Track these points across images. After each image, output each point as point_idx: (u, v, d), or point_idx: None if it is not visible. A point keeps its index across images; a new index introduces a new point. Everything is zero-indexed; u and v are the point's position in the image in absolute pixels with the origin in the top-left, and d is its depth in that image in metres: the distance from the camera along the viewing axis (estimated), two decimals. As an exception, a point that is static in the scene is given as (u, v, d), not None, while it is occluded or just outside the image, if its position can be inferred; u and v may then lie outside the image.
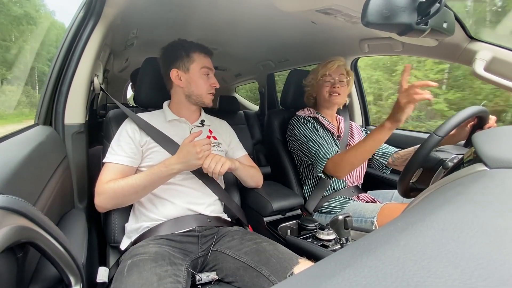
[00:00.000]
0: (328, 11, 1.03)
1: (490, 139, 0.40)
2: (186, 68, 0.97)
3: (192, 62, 0.97)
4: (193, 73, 0.97)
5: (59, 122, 0.93)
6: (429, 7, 0.58)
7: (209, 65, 1.00)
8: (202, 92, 0.99)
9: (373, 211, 1.08)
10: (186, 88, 0.99)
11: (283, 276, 0.72)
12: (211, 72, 1.01)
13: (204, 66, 0.98)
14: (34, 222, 0.40)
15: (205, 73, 0.99)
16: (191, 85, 0.98)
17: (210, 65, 1.01)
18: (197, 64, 0.97)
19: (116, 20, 1.04)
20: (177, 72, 0.98)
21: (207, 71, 0.99)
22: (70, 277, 0.49)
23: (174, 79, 0.98)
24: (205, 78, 0.99)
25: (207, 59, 1.01)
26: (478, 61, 0.94)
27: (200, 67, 0.98)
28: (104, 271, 0.79)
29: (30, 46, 2.31)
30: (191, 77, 0.97)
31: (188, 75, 0.97)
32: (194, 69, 0.97)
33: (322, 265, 0.20)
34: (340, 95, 1.27)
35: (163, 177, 0.85)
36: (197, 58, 0.98)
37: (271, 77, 2.51)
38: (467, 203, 0.25)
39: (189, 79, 0.97)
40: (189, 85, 0.98)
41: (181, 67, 0.97)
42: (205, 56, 1.00)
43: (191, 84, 0.98)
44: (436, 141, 0.75)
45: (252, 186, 1.15)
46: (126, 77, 3.21)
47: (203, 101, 1.00)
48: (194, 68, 0.97)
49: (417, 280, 0.15)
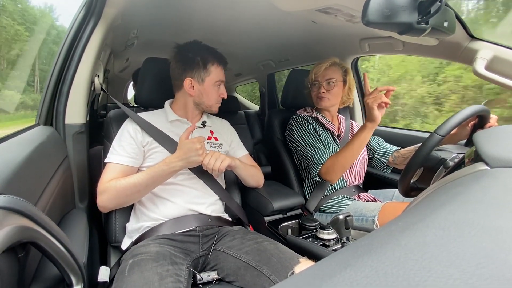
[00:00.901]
0: (328, 11, 1.03)
1: (491, 138, 0.40)
2: (201, 79, 0.96)
3: (208, 74, 0.96)
4: (207, 86, 0.97)
5: (59, 122, 0.94)
6: (430, 6, 0.58)
7: (223, 77, 1.01)
8: (212, 103, 1.00)
9: (374, 210, 1.08)
10: (197, 97, 0.98)
11: (284, 275, 0.72)
12: (223, 83, 1.01)
13: (219, 80, 0.98)
14: (35, 222, 0.40)
15: (218, 85, 0.99)
16: (203, 96, 0.98)
17: (223, 77, 1.01)
18: (212, 77, 0.97)
19: (116, 20, 1.04)
20: (191, 82, 0.96)
21: (220, 83, 1.00)
22: (71, 277, 0.49)
23: (187, 88, 0.96)
24: (216, 90, 0.99)
25: (222, 70, 1.00)
26: (479, 60, 0.94)
27: (215, 80, 0.97)
28: (105, 270, 0.79)
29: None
30: (204, 89, 0.97)
31: (202, 87, 0.97)
32: (209, 82, 0.97)
33: (323, 265, 0.20)
34: (328, 99, 1.25)
35: (164, 175, 0.85)
36: (213, 71, 0.97)
37: (271, 77, 2.51)
38: (468, 202, 0.25)
39: (202, 90, 0.97)
40: (201, 95, 0.98)
41: (196, 77, 0.96)
42: (222, 68, 1.00)
43: (203, 95, 0.98)
44: (437, 140, 0.75)
45: (253, 186, 1.15)
46: (126, 77, 3.22)
47: (212, 110, 1.02)
48: (209, 81, 0.96)
49: (418, 280, 0.15)
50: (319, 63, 1.27)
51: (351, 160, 1.11)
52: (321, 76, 1.25)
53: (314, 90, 1.28)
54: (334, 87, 1.24)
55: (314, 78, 1.27)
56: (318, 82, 1.26)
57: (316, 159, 1.16)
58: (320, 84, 1.25)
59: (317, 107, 1.36)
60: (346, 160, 1.10)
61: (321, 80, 1.25)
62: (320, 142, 1.22)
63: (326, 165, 1.14)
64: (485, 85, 2.33)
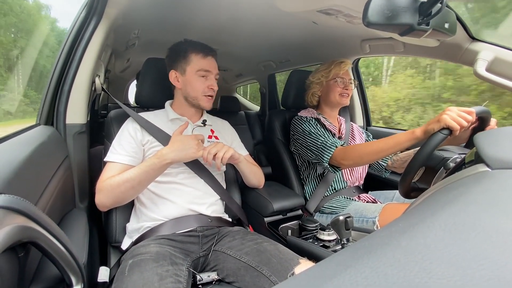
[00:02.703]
0: (329, 12, 1.03)
1: (491, 140, 0.40)
2: (183, 70, 0.96)
3: (188, 64, 0.96)
4: (189, 75, 0.96)
5: (60, 122, 0.94)
6: (431, 7, 0.58)
7: (207, 67, 0.96)
8: (198, 94, 0.97)
9: (375, 211, 1.07)
10: (183, 89, 0.98)
11: (284, 276, 0.72)
12: (210, 74, 0.98)
13: (201, 68, 0.95)
14: (35, 222, 0.40)
15: (201, 75, 0.96)
16: (187, 87, 0.97)
17: (208, 67, 0.97)
18: (193, 66, 0.95)
19: (117, 20, 1.04)
20: (175, 74, 0.98)
21: (204, 73, 0.96)
22: (71, 277, 0.49)
23: (173, 81, 0.98)
24: (201, 80, 0.96)
25: (206, 60, 0.97)
26: (480, 62, 0.94)
27: (196, 69, 0.95)
28: (105, 270, 0.79)
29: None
30: (187, 79, 0.96)
31: (184, 77, 0.97)
32: (190, 71, 0.96)
33: (323, 266, 0.20)
34: (348, 96, 1.29)
35: (156, 168, 0.84)
36: (194, 60, 0.96)
37: (272, 78, 2.51)
38: (469, 204, 0.25)
39: (185, 81, 0.97)
40: (185, 87, 0.98)
41: (179, 68, 0.97)
42: (203, 57, 0.96)
43: (187, 86, 0.97)
44: (440, 139, 0.75)
45: (254, 184, 1.15)
46: (127, 77, 3.22)
47: (199, 103, 0.98)
48: (190, 70, 0.96)
49: (419, 281, 0.15)
50: (341, 61, 1.27)
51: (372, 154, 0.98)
52: (346, 74, 1.28)
53: (339, 87, 1.28)
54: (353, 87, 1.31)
55: (341, 75, 1.27)
56: (343, 79, 1.27)
57: (328, 144, 1.11)
58: (346, 81, 1.28)
59: (320, 107, 1.37)
60: (367, 152, 0.99)
61: (346, 77, 1.28)
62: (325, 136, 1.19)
63: (342, 148, 1.08)
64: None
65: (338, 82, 1.27)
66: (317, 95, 1.36)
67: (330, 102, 1.31)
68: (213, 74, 0.99)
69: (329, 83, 1.29)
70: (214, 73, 0.99)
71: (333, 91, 1.28)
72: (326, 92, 1.32)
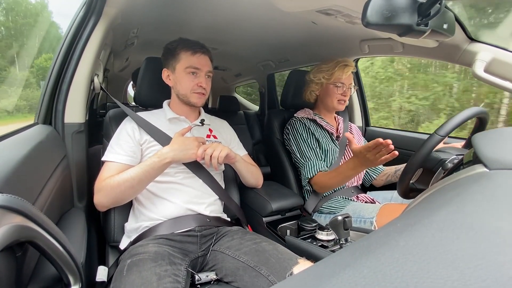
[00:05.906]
0: (329, 12, 1.03)
1: (489, 141, 0.40)
2: (173, 68, 0.98)
3: (178, 61, 0.96)
4: (179, 73, 0.97)
5: (59, 121, 0.93)
6: (430, 8, 0.58)
7: (196, 64, 0.96)
8: (187, 91, 0.97)
9: (372, 211, 1.08)
10: (175, 87, 1.00)
11: (282, 276, 0.72)
12: (199, 72, 0.97)
13: (189, 66, 0.95)
14: (33, 221, 0.40)
15: (189, 72, 0.96)
16: (177, 85, 0.98)
17: (197, 64, 0.96)
18: (182, 63, 0.96)
19: (116, 19, 1.04)
20: (167, 72, 0.99)
21: (193, 70, 0.96)
22: (69, 276, 0.49)
23: (165, 79, 1.00)
24: (190, 77, 0.96)
25: (194, 57, 0.96)
26: (478, 63, 0.94)
27: (184, 66, 0.95)
28: (103, 270, 0.79)
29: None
30: (176, 77, 0.97)
31: (174, 75, 0.98)
32: (179, 68, 0.96)
33: (322, 265, 0.20)
34: (345, 103, 1.29)
35: (156, 168, 0.85)
36: (183, 57, 0.96)
37: (271, 77, 2.51)
38: (466, 204, 0.25)
39: (175, 79, 0.98)
40: (175, 85, 0.99)
41: (170, 66, 0.98)
42: (192, 54, 0.95)
43: (177, 84, 0.98)
44: (437, 141, 0.75)
45: (252, 184, 1.15)
46: (126, 76, 3.21)
47: (189, 100, 0.98)
48: (179, 68, 0.96)
49: (416, 281, 0.15)
50: (345, 64, 1.26)
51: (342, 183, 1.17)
52: (346, 80, 1.27)
53: (337, 93, 1.27)
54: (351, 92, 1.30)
55: (339, 80, 1.26)
56: (343, 84, 1.27)
57: (305, 170, 1.20)
58: (346, 88, 1.27)
59: (317, 107, 1.37)
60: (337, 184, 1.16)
61: (347, 83, 1.27)
62: (313, 151, 1.23)
63: (317, 180, 1.18)
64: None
65: (338, 87, 1.27)
66: (315, 94, 1.36)
67: (327, 105, 1.32)
68: (203, 72, 0.98)
69: (329, 86, 1.29)
70: (204, 71, 0.98)
71: (331, 96, 1.29)
72: (324, 94, 1.32)
